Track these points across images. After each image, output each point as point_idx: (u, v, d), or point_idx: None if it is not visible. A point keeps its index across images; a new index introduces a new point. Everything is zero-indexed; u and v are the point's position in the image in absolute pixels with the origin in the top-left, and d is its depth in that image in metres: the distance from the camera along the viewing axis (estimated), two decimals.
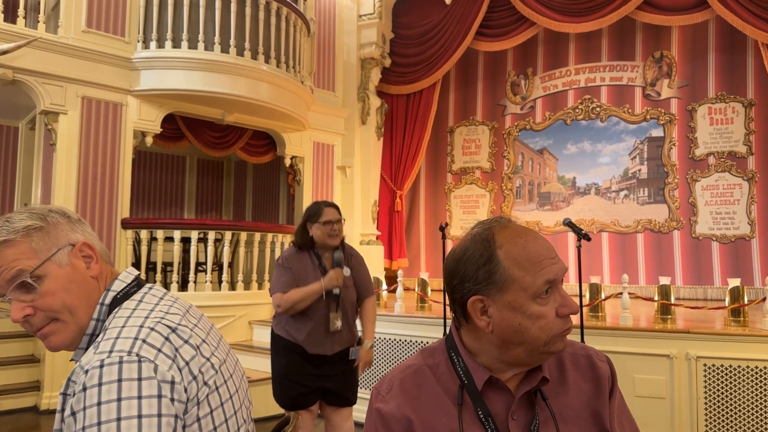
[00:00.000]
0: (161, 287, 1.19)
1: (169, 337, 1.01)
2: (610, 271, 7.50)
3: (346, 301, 3.02)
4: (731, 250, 6.95)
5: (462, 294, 1.02)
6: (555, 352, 1.01)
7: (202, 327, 1.13)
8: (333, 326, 2.93)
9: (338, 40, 7.66)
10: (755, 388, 3.60)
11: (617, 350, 3.89)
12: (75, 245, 1.11)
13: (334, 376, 3.01)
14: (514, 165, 8.17)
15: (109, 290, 1.13)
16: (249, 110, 6.34)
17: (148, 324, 1.02)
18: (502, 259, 0.99)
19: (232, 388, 1.09)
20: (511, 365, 1.03)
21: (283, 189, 8.21)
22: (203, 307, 5.49)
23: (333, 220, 2.98)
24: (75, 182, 5.29)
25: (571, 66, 7.88)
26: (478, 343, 1.04)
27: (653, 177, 7.43)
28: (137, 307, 1.09)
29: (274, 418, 4.64)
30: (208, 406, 1.01)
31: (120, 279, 1.15)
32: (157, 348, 0.98)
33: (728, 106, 7.07)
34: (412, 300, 5.29)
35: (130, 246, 5.70)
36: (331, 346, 2.96)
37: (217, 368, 1.06)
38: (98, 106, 5.47)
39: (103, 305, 1.11)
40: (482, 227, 1.04)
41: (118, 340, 0.98)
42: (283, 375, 3.00)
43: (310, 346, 2.93)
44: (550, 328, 0.98)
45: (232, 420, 1.06)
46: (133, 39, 5.67)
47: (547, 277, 0.98)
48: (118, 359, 0.94)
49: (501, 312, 0.99)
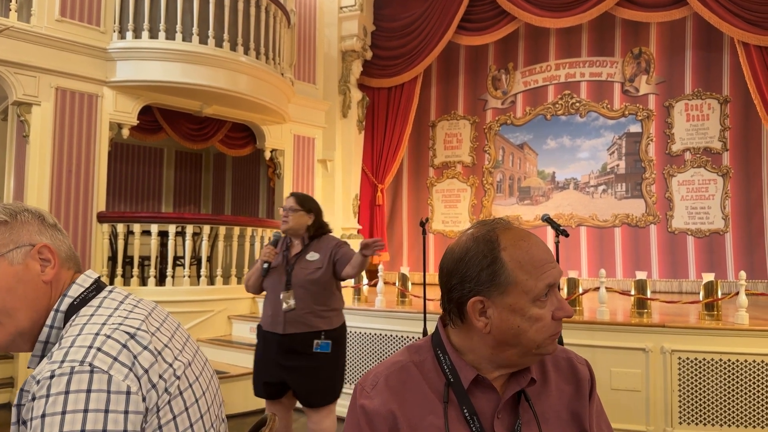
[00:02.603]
0: (122, 290, 1.14)
1: (127, 344, 0.97)
2: (587, 265, 7.60)
3: (301, 280, 3.09)
4: (706, 244, 7.08)
5: (461, 294, 1.01)
6: (546, 354, 1.02)
7: (166, 330, 1.09)
8: (285, 305, 3.07)
9: (319, 32, 7.60)
10: (727, 380, 3.68)
11: (594, 344, 3.95)
12: (35, 246, 1.07)
13: (296, 371, 3.03)
14: (495, 159, 8.21)
15: (66, 295, 1.08)
16: (228, 102, 6.26)
17: (105, 331, 0.98)
18: (506, 261, 0.99)
19: (198, 391, 1.06)
20: (499, 366, 1.03)
21: (263, 182, 8.14)
22: (181, 302, 5.48)
23: (285, 208, 3.15)
24: (49, 175, 5.18)
25: (552, 61, 7.93)
26: (468, 342, 1.04)
27: (631, 172, 7.52)
28: (95, 313, 1.04)
29: (253, 413, 4.62)
30: (170, 412, 0.98)
31: (78, 283, 1.11)
32: (112, 357, 0.94)
33: (704, 102, 7.19)
34: (392, 295, 5.30)
35: (107, 240, 5.61)
36: (282, 326, 3.06)
37: (180, 373, 1.02)
38: (73, 97, 5.36)
39: (58, 311, 1.07)
40: (484, 228, 1.04)
41: (72, 348, 0.94)
42: (255, 361, 3.22)
43: (266, 323, 3.15)
44: (546, 330, 0.99)
45: (198, 424, 1.03)
46: (109, 29, 5.55)
47: (548, 281, 0.99)
48: (69, 369, 0.90)
49: (501, 314, 0.99)
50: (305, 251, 3.15)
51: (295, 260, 3.13)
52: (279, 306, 3.07)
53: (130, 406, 0.91)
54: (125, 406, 0.90)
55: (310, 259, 3.13)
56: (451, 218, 8.39)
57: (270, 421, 1.33)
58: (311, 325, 3.07)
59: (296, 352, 3.04)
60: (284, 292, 3.07)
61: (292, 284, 3.08)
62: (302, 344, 3.04)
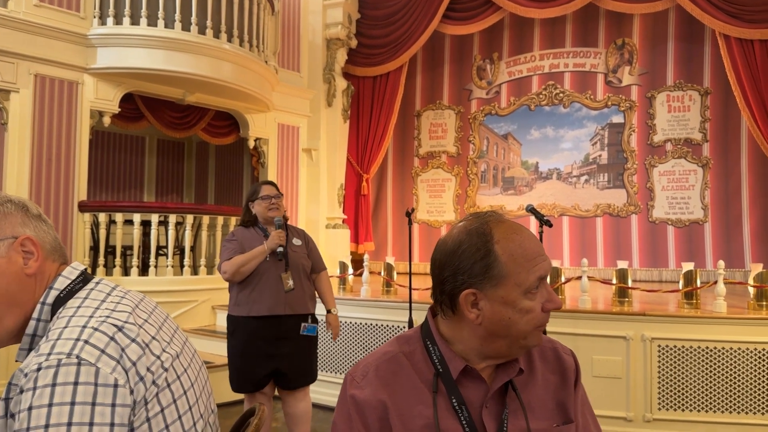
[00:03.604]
0: (109, 282, 1.13)
1: (114, 337, 0.96)
2: (570, 254, 7.69)
3: (297, 263, 3.17)
4: (685, 233, 7.21)
5: (454, 286, 1.02)
6: (533, 345, 1.04)
7: (154, 321, 1.09)
8: (286, 286, 3.10)
9: (303, 19, 7.52)
10: (705, 367, 3.77)
11: (576, 332, 4.01)
12: (18, 238, 1.06)
13: (288, 356, 3.10)
14: (480, 149, 8.24)
15: (52, 288, 1.07)
16: (211, 90, 6.19)
17: (92, 324, 0.98)
18: (499, 254, 1.00)
19: (186, 383, 1.06)
20: (487, 356, 1.05)
21: (247, 171, 8.08)
22: (165, 292, 5.45)
23: (271, 195, 3.20)
24: (28, 164, 5.09)
25: (536, 51, 7.96)
26: (457, 332, 1.05)
27: (613, 162, 7.61)
28: (81, 305, 1.03)
29: (237, 403, 4.62)
30: (158, 405, 0.98)
31: (64, 275, 1.09)
32: (100, 349, 0.94)
33: (686, 94, 7.28)
34: (378, 284, 5.31)
35: (88, 230, 5.54)
36: (284, 306, 3.09)
37: (168, 365, 1.02)
38: (52, 84, 5.25)
39: (44, 304, 1.06)
40: (477, 221, 1.05)
41: (59, 341, 0.94)
42: (238, 356, 3.14)
43: (265, 309, 3.08)
44: (536, 321, 1.01)
45: (187, 416, 1.03)
46: (89, 15, 5.44)
47: (540, 273, 1.01)
48: (56, 362, 0.90)
49: (493, 306, 1.00)
50: (290, 236, 3.25)
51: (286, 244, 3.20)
52: (278, 288, 3.10)
53: (118, 399, 0.91)
54: (112, 398, 0.90)
55: (296, 244, 3.25)
56: (436, 208, 8.42)
57: (259, 411, 1.34)
58: (306, 306, 3.20)
59: (287, 337, 3.12)
60: (284, 273, 3.12)
61: (290, 266, 3.14)
62: (296, 327, 3.14)
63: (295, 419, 3.21)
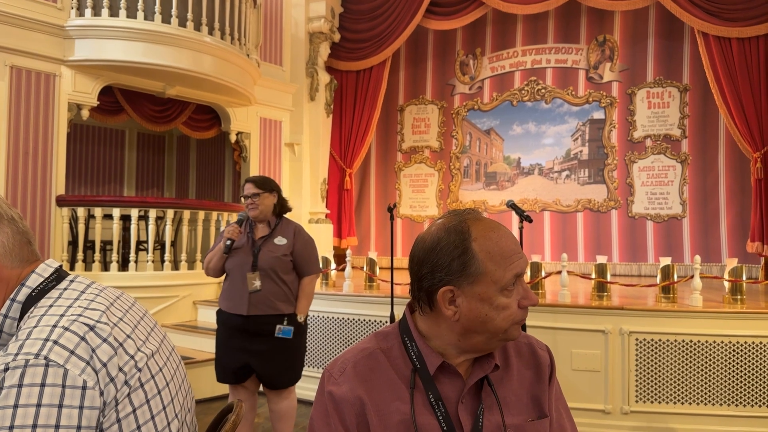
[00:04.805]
0: (85, 279, 1.11)
1: (85, 337, 0.95)
2: (551, 249, 7.76)
3: (267, 263, 3.10)
4: (664, 228, 7.31)
5: (432, 283, 1.03)
6: (511, 339, 1.06)
7: (129, 320, 1.07)
8: (251, 286, 3.06)
9: (286, 12, 7.47)
10: (681, 360, 3.84)
11: (556, 326, 4.06)
12: None
13: (259, 354, 3.07)
14: (462, 145, 8.26)
15: (24, 285, 1.05)
16: (192, 83, 6.13)
17: (63, 323, 0.96)
18: (476, 252, 1.01)
19: (161, 382, 1.04)
20: (464, 351, 1.06)
21: (229, 165, 8.02)
22: (145, 288, 5.40)
23: (249, 194, 3.15)
24: (5, 158, 4.99)
25: (519, 47, 7.99)
26: (435, 329, 1.06)
27: (594, 158, 7.68)
28: (54, 304, 1.02)
29: (218, 398, 4.61)
30: (130, 405, 0.96)
31: (37, 273, 1.07)
32: (69, 350, 0.92)
33: (665, 90, 7.36)
34: (360, 279, 5.32)
35: (67, 224, 5.46)
36: (247, 307, 3.06)
37: (143, 365, 1.01)
38: (29, 76, 5.16)
39: (14, 301, 1.04)
40: (455, 219, 1.05)
41: (27, 341, 0.92)
42: (217, 346, 3.20)
43: (228, 306, 3.13)
44: (513, 318, 1.03)
45: (161, 416, 1.02)
46: (66, 5, 5.34)
47: (516, 271, 1.02)
48: (23, 362, 0.88)
49: (470, 302, 1.02)
50: (273, 234, 3.18)
51: (262, 242, 3.14)
52: (244, 287, 3.07)
53: (86, 401, 0.90)
54: (80, 401, 0.89)
55: (278, 243, 3.16)
56: (419, 203, 8.44)
57: (236, 408, 1.34)
58: (275, 307, 3.10)
59: (260, 334, 3.07)
60: (250, 273, 3.07)
61: (258, 266, 3.08)
62: (266, 327, 3.08)
63: (277, 416, 3.21)
